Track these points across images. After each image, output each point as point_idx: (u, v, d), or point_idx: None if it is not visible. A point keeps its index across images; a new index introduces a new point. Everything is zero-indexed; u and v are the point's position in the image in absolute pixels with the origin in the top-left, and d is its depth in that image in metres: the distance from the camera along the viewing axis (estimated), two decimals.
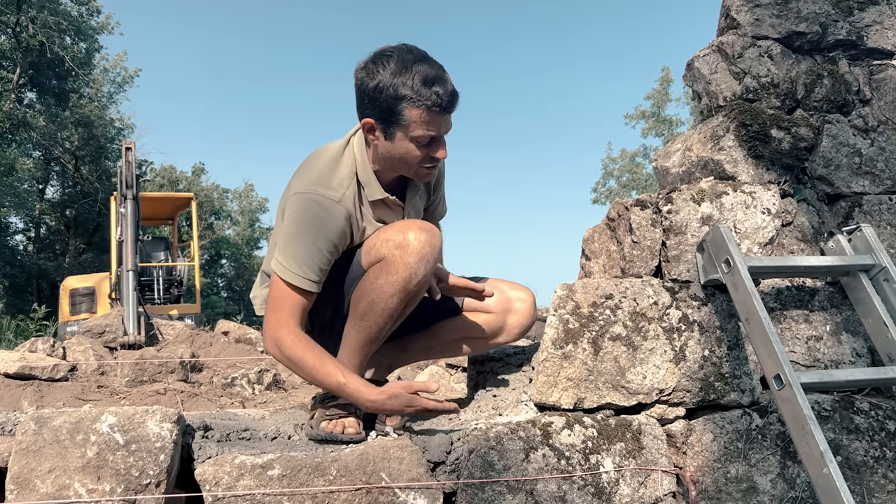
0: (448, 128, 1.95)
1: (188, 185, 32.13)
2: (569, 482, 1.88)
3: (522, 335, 2.30)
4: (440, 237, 1.96)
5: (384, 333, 2.01)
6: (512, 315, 2.25)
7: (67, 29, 23.32)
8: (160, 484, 1.69)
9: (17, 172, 22.35)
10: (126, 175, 9.80)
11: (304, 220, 1.92)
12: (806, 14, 2.42)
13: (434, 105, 1.85)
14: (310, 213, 1.92)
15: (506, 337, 2.28)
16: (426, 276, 1.92)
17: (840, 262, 2.15)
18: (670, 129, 30.66)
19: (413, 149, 1.93)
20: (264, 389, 6.09)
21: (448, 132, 1.97)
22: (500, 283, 2.29)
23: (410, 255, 1.87)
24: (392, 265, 1.89)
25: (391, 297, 1.91)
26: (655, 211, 2.20)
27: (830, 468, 1.71)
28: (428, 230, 1.92)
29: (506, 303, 2.25)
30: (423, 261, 1.88)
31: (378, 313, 1.94)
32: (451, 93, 1.88)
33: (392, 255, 1.89)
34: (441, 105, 1.86)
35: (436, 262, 1.94)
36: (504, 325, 2.25)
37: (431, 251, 1.90)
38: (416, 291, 1.95)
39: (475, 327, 2.27)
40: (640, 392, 2.04)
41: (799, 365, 2.17)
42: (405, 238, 1.89)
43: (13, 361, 5.36)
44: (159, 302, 13.30)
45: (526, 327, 2.27)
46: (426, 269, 1.90)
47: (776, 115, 2.32)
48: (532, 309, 2.27)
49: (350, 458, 1.79)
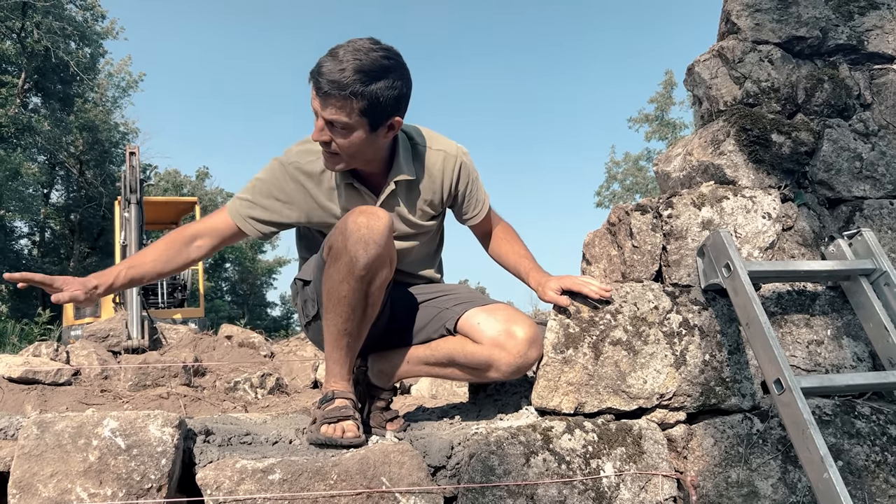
0: (325, 115, 1.96)
1: (192, 189, 32.18)
2: (569, 487, 1.88)
3: (515, 375, 2.08)
4: (383, 220, 1.92)
5: (354, 324, 1.99)
6: (499, 351, 2.03)
7: (72, 34, 23.42)
8: (161, 488, 1.70)
9: (22, 177, 22.43)
10: (130, 179, 9.85)
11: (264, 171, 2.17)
12: (806, 19, 2.43)
13: (313, 74, 1.95)
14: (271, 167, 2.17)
15: (496, 373, 2.06)
16: (370, 259, 1.89)
17: (841, 267, 2.15)
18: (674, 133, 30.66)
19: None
20: (267, 394, 6.10)
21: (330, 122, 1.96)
22: (500, 312, 2.11)
23: (349, 240, 1.89)
24: (336, 252, 1.93)
25: (340, 284, 1.93)
26: (656, 215, 2.20)
27: (831, 473, 1.71)
28: (369, 213, 1.92)
29: (496, 335, 2.04)
30: (360, 243, 1.88)
31: (336, 302, 1.96)
32: (326, 79, 1.91)
33: (336, 242, 1.93)
34: (314, 79, 1.94)
35: (379, 243, 1.90)
36: (491, 359, 2.04)
37: (369, 233, 1.89)
38: (368, 277, 1.93)
39: (464, 355, 2.10)
40: (641, 396, 2.04)
41: (800, 369, 2.17)
42: (345, 223, 1.92)
43: (17, 366, 5.38)
44: (163, 306, 13.34)
45: (515, 367, 2.04)
46: (367, 252, 1.89)
47: (777, 120, 2.32)
48: (524, 347, 2.02)
49: (351, 463, 1.79)
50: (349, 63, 1.90)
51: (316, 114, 1.98)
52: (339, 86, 1.90)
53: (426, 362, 2.22)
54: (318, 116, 1.98)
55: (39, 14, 21.83)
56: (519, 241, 2.38)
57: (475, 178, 2.30)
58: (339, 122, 1.96)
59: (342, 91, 1.91)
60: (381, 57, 1.94)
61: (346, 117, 1.95)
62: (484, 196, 2.35)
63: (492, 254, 2.41)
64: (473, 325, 2.11)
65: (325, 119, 1.96)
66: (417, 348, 2.23)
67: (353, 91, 1.91)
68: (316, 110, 1.97)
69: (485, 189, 2.35)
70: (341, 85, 1.90)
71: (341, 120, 1.95)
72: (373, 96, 1.94)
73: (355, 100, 1.92)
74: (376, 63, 1.93)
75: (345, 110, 1.94)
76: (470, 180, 2.28)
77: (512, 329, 2.05)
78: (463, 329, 2.14)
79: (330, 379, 2.08)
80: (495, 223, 2.41)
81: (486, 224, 2.39)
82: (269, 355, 8.08)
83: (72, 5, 24.15)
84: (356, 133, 1.99)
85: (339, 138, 1.99)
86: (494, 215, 2.41)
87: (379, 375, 2.31)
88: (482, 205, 2.34)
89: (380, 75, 1.93)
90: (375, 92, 1.93)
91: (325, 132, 1.99)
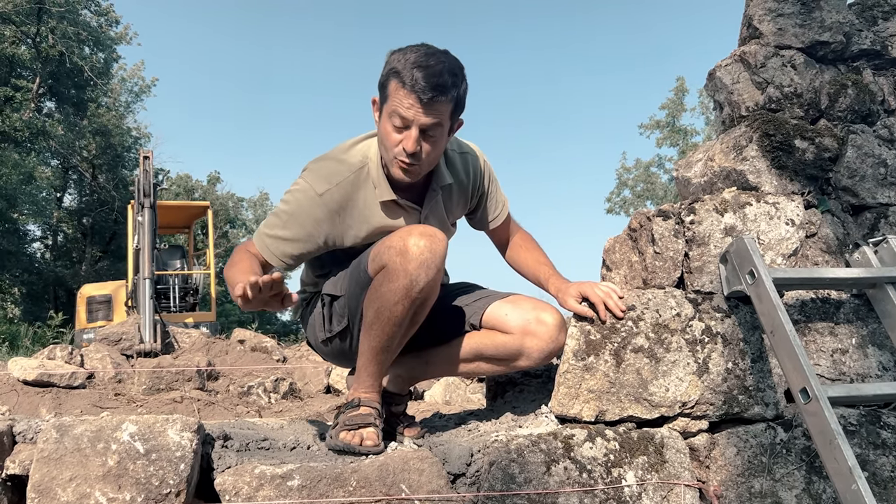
0: (424, 122, 1.90)
1: (204, 193, 32.33)
2: (590, 496, 1.86)
3: (546, 360, 2.13)
4: (443, 242, 1.92)
5: (396, 342, 1.99)
6: (531, 338, 2.07)
7: (86, 39, 23.64)
8: (180, 493, 1.69)
9: (35, 181, 22.62)
10: (143, 184, 9.90)
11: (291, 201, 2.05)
12: (829, 24, 2.40)
13: (409, 84, 1.86)
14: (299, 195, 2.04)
15: (526, 361, 2.11)
16: (429, 282, 1.89)
17: (866, 275, 2.12)
18: (685, 140, 30.59)
19: (390, 131, 1.93)
20: (280, 398, 6.09)
21: (426, 129, 1.91)
22: (524, 301, 2.15)
23: (410, 262, 1.86)
24: (393, 273, 1.88)
25: (395, 305, 1.90)
26: (678, 221, 2.18)
27: (859, 484, 1.68)
28: (429, 235, 1.89)
29: (526, 324, 2.08)
30: (422, 267, 1.86)
31: (384, 322, 1.93)
32: (432, 83, 1.85)
33: (393, 263, 1.88)
34: (415, 87, 1.85)
35: (439, 267, 1.90)
36: (522, 348, 2.08)
37: (432, 257, 1.87)
38: (422, 298, 1.92)
39: (493, 347, 2.13)
40: (663, 405, 2.01)
41: (824, 378, 2.14)
42: (405, 244, 1.87)
43: (32, 369, 5.40)
44: (175, 310, 13.37)
45: (548, 352, 2.09)
46: (427, 275, 1.88)
47: (800, 126, 2.30)
48: (555, 332, 2.07)
49: (370, 470, 1.78)
50: (442, 66, 1.89)
51: (407, 125, 1.91)
52: (442, 89, 1.88)
53: (450, 361, 2.22)
54: (412, 126, 1.91)
55: (54, 19, 22.04)
56: (538, 248, 2.37)
57: (495, 178, 2.30)
58: (436, 127, 1.93)
59: (444, 95, 1.89)
60: (455, 58, 1.96)
61: (442, 121, 1.93)
62: (504, 198, 2.35)
63: (510, 260, 2.40)
64: (500, 317, 2.12)
65: (421, 128, 1.91)
66: (439, 348, 2.22)
67: (451, 95, 1.91)
68: (411, 120, 1.90)
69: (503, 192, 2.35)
70: (444, 88, 1.88)
71: (439, 125, 1.93)
72: (459, 97, 1.95)
73: (451, 102, 1.92)
74: (456, 64, 1.95)
75: (444, 114, 1.93)
76: (492, 180, 2.28)
77: (541, 316, 2.09)
78: (489, 322, 2.15)
79: (359, 387, 2.06)
80: (514, 230, 2.40)
81: (505, 229, 2.37)
82: (282, 359, 8.08)
83: (86, 11, 24.36)
84: (444, 137, 1.99)
85: (430, 145, 1.95)
86: (513, 221, 2.40)
87: (395, 381, 2.30)
88: (503, 206, 2.34)
89: (462, 76, 1.95)
90: (461, 93, 1.95)
91: (419, 142, 1.94)
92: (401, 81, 1.88)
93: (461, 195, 2.21)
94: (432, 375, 2.34)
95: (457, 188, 2.19)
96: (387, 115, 1.94)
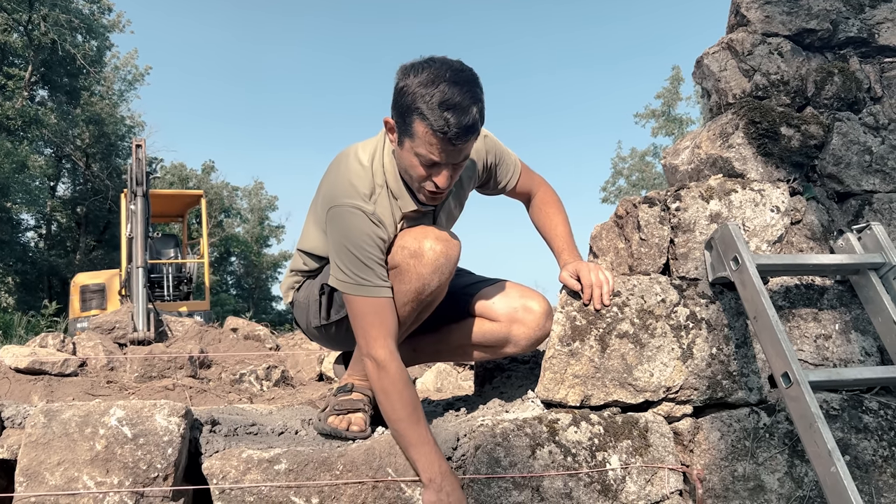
0: (456, 159, 1.83)
1: (198, 182, 32.26)
2: (575, 479, 1.88)
3: (533, 347, 2.15)
4: (457, 247, 1.91)
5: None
6: (518, 325, 2.08)
7: (79, 27, 23.45)
8: (168, 477, 1.70)
9: (28, 170, 22.49)
10: (136, 172, 9.87)
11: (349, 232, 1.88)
12: (817, 11, 2.41)
13: (439, 130, 1.75)
14: (352, 225, 1.88)
15: (513, 348, 2.13)
16: (440, 286, 1.90)
17: (850, 261, 2.14)
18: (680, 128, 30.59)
19: (416, 164, 1.83)
20: (272, 386, 6.11)
21: (457, 164, 1.85)
22: (512, 289, 2.15)
23: (424, 266, 1.85)
24: (405, 274, 1.87)
25: (403, 306, 1.91)
26: (664, 208, 2.19)
27: (838, 466, 1.70)
28: (444, 240, 1.88)
29: (513, 311, 2.09)
30: (437, 272, 1.86)
31: None
32: (463, 126, 1.75)
33: (406, 264, 1.87)
34: (446, 133, 1.75)
35: (452, 272, 1.91)
36: (510, 335, 2.09)
37: (446, 262, 1.87)
38: (430, 301, 1.94)
39: (480, 335, 2.13)
40: (648, 390, 2.04)
41: (807, 363, 2.16)
42: (420, 247, 1.85)
43: (24, 356, 5.40)
44: (169, 299, 13.38)
45: (535, 339, 2.10)
46: (440, 279, 1.88)
47: (786, 113, 2.31)
48: (542, 320, 2.08)
49: (357, 454, 1.79)
50: (469, 100, 1.77)
51: (439, 164, 1.83)
52: (473, 129, 1.79)
53: (437, 348, 2.22)
54: (445, 165, 1.83)
55: (46, 7, 21.86)
56: (556, 213, 2.28)
57: (499, 145, 2.23)
58: (465, 159, 1.87)
59: (476, 133, 1.82)
60: (474, 75, 1.84)
61: (469, 150, 1.87)
62: (513, 159, 2.27)
63: (532, 220, 2.35)
64: (488, 305, 2.12)
65: (455, 164, 1.85)
66: (426, 335, 2.21)
67: (480, 125, 1.83)
68: (443, 161, 1.82)
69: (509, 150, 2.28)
70: (475, 128, 1.80)
71: (467, 155, 1.87)
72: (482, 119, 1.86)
73: (479, 131, 1.85)
74: (477, 84, 1.83)
75: (472, 144, 1.86)
76: (497, 150, 2.21)
77: (528, 304, 2.09)
78: (477, 310, 2.14)
79: (354, 373, 2.07)
80: (535, 186, 2.31)
81: (523, 184, 2.30)
82: (275, 348, 8.10)
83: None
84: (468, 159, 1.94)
85: (458, 170, 1.89)
86: (529, 172, 2.32)
87: None
88: (514, 166, 2.26)
89: (482, 94, 1.84)
90: (484, 114, 1.85)
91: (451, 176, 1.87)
92: (429, 125, 1.75)
93: (469, 178, 2.16)
94: (419, 362, 2.35)
95: (465, 177, 2.14)
96: (411, 151, 1.83)
